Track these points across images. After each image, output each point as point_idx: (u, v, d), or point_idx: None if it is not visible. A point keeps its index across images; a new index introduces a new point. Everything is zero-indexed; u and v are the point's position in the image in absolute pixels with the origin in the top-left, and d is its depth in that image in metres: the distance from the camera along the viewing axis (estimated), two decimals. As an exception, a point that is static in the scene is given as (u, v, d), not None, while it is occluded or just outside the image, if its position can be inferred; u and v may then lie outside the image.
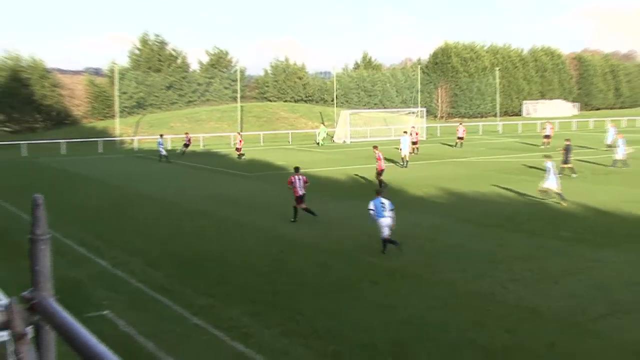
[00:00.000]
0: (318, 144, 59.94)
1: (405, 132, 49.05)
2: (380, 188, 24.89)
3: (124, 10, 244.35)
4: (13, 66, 69.70)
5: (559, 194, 25.85)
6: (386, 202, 19.10)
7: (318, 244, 20.02)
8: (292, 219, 23.21)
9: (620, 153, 37.61)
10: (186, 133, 54.79)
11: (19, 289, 2.20)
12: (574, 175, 33.45)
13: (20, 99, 67.61)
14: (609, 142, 47.49)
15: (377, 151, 31.47)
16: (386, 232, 18.70)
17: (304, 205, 23.40)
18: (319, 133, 62.26)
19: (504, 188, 30.17)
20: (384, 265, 17.43)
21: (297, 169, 24.34)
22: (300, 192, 23.37)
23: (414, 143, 48.05)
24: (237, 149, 48.88)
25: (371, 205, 19.11)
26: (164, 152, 47.14)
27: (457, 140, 53.60)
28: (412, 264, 17.47)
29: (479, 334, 12.48)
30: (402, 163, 40.92)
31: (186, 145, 51.26)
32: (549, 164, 26.68)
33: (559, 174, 31.80)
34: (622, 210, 24.24)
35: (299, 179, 23.49)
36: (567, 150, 34.46)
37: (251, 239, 21.04)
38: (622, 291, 14.89)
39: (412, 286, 15.66)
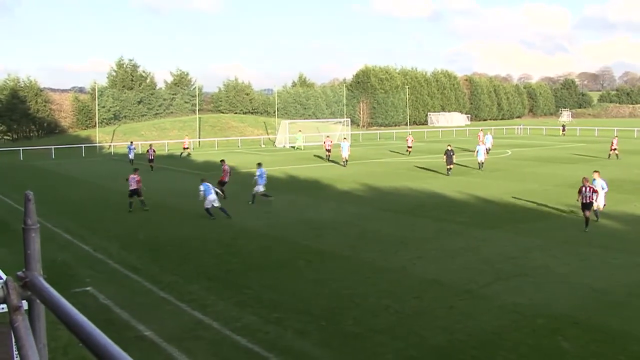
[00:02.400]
0: (294, 147, 58.75)
1: (345, 138, 48.61)
2: (219, 192, 24.71)
3: (105, 39, 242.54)
4: (13, 86, 69.77)
5: (265, 195, 25.09)
6: (209, 185, 22.64)
7: (262, 231, 19.97)
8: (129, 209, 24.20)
9: (482, 156, 36.64)
10: (150, 144, 46.33)
11: (18, 269, 2.18)
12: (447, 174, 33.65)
13: (19, 112, 67.74)
14: (488, 146, 48.17)
15: (224, 165, 27.91)
16: (208, 204, 22.24)
17: (134, 198, 24.35)
18: (296, 139, 61.01)
19: (413, 183, 30.68)
20: (317, 247, 17.50)
21: (135, 170, 25.46)
22: (132, 187, 24.27)
23: (328, 150, 45.64)
24: (185, 148, 52.20)
25: (202, 187, 22.63)
26: (131, 156, 44.50)
27: (408, 149, 49.47)
28: (340, 246, 17.59)
29: (393, 300, 12.68)
30: (344, 163, 40.16)
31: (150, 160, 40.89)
32: (260, 169, 25.36)
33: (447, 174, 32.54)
34: (504, 200, 24.99)
35: (133, 178, 24.35)
36: (450, 153, 34.24)
37: (207, 227, 20.83)
38: (503, 263, 15.36)
39: (340, 264, 15.79)
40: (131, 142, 48.32)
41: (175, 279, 14.51)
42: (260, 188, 25.34)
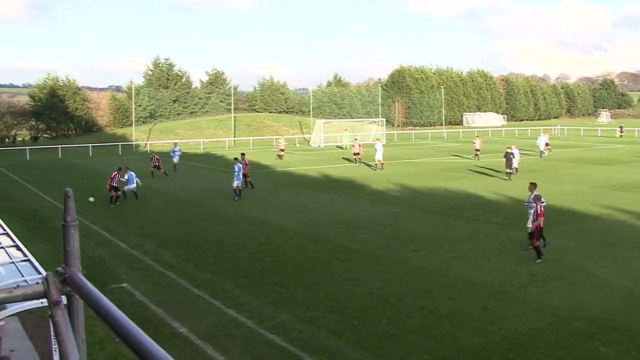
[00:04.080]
0: (342, 147, 58.31)
1: (378, 139, 47.59)
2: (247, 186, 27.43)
3: (141, 39, 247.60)
4: (52, 85, 71.44)
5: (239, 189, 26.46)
6: (133, 174, 26.29)
7: (297, 229, 20.02)
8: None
9: (515, 161, 33.00)
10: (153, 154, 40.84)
11: (57, 265, 2.21)
12: (507, 178, 31.78)
13: (58, 111, 69.29)
14: (542, 148, 46.59)
15: (245, 159, 29.09)
16: (127, 189, 26.05)
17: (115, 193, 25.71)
18: (342, 138, 61.08)
19: (447, 184, 30.37)
20: (351, 246, 17.46)
21: (119, 169, 26.66)
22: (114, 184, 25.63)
23: (356, 154, 42.23)
24: (281, 150, 48.14)
25: (126, 176, 26.24)
26: (175, 160, 39.69)
27: (476, 152, 44.42)
28: (374, 245, 17.53)
29: (428, 301, 12.58)
30: (375, 166, 37.87)
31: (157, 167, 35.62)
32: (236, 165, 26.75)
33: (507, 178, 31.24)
34: (542, 201, 24.49)
35: (116, 175, 25.88)
36: (510, 156, 32.02)
37: (242, 225, 20.96)
38: (539, 265, 15.08)
39: (374, 263, 15.72)
40: (175, 144, 42.53)
41: (210, 277, 14.65)
42: (235, 183, 26.49)
